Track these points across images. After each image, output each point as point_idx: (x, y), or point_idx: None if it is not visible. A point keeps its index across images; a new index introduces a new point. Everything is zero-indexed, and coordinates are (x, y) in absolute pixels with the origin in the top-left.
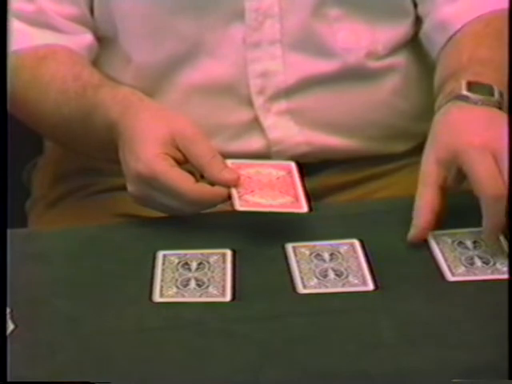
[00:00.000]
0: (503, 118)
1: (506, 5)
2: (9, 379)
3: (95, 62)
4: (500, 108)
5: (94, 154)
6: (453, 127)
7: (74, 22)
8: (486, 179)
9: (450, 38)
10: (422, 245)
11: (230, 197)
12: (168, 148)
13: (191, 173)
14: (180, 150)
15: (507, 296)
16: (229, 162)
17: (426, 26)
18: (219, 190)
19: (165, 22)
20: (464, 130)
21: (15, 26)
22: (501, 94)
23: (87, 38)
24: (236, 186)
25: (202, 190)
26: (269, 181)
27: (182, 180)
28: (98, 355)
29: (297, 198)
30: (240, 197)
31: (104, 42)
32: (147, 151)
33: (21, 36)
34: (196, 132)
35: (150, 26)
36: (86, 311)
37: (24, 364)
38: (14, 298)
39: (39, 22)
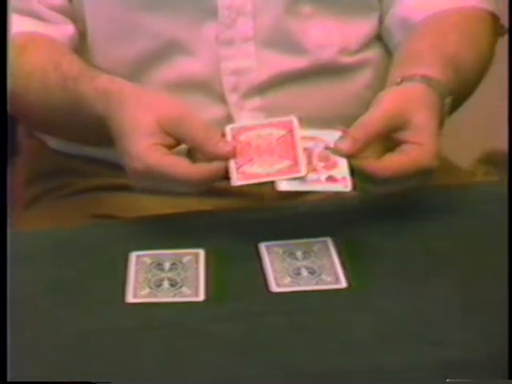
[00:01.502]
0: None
1: (465, 3)
2: (9, 379)
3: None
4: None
5: (88, 145)
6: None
7: (57, 12)
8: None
9: (409, 31)
10: (396, 244)
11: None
12: (157, 137)
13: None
14: (170, 135)
15: (507, 294)
16: (228, 127)
17: (388, 20)
18: (216, 167)
19: (136, 20)
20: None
21: None
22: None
23: (69, 28)
24: (234, 156)
25: (199, 170)
26: (268, 144)
27: (176, 166)
28: (72, 355)
29: (295, 161)
30: (238, 169)
31: (79, 34)
32: (137, 146)
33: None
34: (182, 112)
35: (121, 23)
36: (61, 312)
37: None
38: None
39: (21, 9)
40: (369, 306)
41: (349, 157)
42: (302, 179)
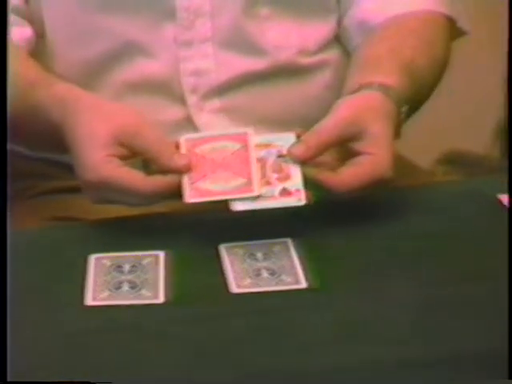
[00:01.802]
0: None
1: (423, 7)
2: (9, 379)
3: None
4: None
5: (48, 151)
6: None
7: (13, 13)
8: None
9: (367, 33)
10: (357, 244)
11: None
12: (111, 148)
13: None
14: (125, 146)
15: (509, 294)
16: (183, 138)
17: (346, 22)
18: (170, 180)
19: (95, 21)
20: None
21: None
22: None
23: (26, 30)
24: (188, 170)
25: (153, 183)
26: (223, 158)
27: (130, 179)
28: (31, 358)
29: (249, 179)
30: (191, 184)
31: (37, 37)
32: (90, 158)
33: None
34: (137, 123)
35: (79, 24)
36: (20, 315)
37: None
38: None
39: None
40: (329, 306)
41: (302, 163)
42: (255, 197)
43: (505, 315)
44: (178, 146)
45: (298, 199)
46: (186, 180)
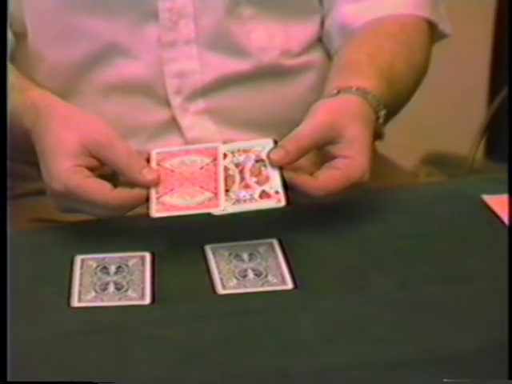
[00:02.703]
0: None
1: (404, 10)
2: (9, 379)
3: (10, 59)
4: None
5: (22, 157)
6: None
7: None
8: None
9: (348, 37)
10: (342, 245)
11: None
12: (79, 158)
13: (112, 175)
14: (94, 157)
15: (510, 300)
16: (154, 151)
17: (327, 24)
18: (137, 193)
19: (76, 22)
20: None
21: None
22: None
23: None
24: (156, 185)
25: (120, 196)
26: (191, 173)
27: (97, 190)
28: (16, 359)
29: (216, 194)
30: (158, 198)
31: (18, 38)
32: (58, 167)
33: None
34: (108, 135)
35: (60, 25)
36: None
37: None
38: None
39: None
40: (315, 306)
41: (281, 168)
42: (235, 200)
43: (489, 313)
44: (148, 159)
45: (278, 201)
46: (152, 194)
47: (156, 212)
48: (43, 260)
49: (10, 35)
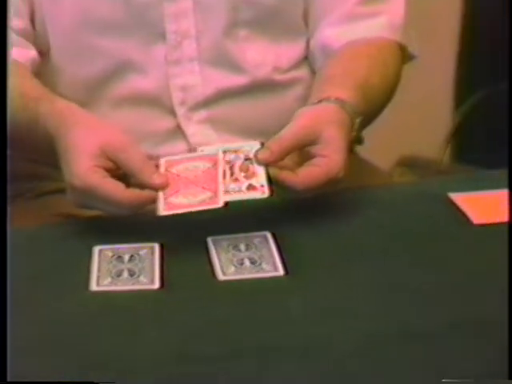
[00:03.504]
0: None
1: (377, 34)
2: (9, 379)
3: (35, 73)
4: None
5: (43, 159)
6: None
7: (20, 36)
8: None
9: (329, 55)
10: (326, 237)
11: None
12: (98, 160)
13: (125, 176)
14: (111, 160)
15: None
16: (163, 159)
17: (311, 45)
18: (148, 194)
19: (93, 41)
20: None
21: None
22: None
23: (31, 52)
24: (164, 188)
25: (132, 195)
26: (194, 176)
27: (113, 189)
28: (44, 339)
29: (215, 193)
30: (165, 199)
31: (42, 55)
32: (79, 166)
33: None
34: (124, 141)
35: (79, 44)
36: (30, 301)
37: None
38: None
39: None
40: (303, 290)
41: (266, 166)
42: (225, 191)
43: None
44: (157, 166)
45: (262, 193)
46: (160, 195)
47: (163, 211)
48: (65, 250)
49: (34, 52)
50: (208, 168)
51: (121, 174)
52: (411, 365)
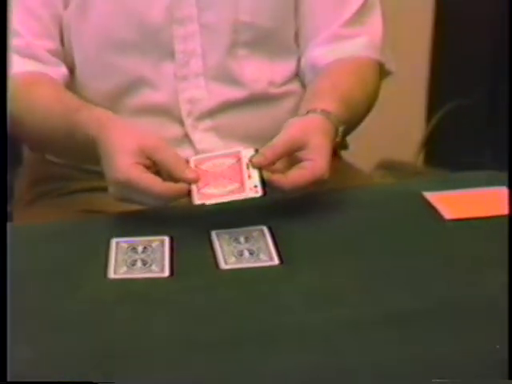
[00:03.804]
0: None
1: (359, 53)
2: (9, 379)
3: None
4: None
5: (77, 161)
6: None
7: (52, 55)
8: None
9: (317, 72)
10: (315, 232)
11: (190, 191)
12: (138, 158)
13: (159, 173)
14: (148, 158)
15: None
16: (192, 158)
17: (302, 63)
18: (182, 187)
19: (113, 60)
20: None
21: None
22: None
23: (62, 69)
24: (196, 182)
25: (169, 187)
26: (221, 171)
27: (152, 182)
28: (65, 323)
29: (242, 184)
30: (198, 191)
31: (70, 71)
32: (122, 162)
33: (14, 64)
34: (158, 142)
35: (101, 62)
36: (54, 288)
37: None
38: None
39: (27, 53)
40: (296, 278)
41: (260, 169)
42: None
43: (429, 281)
44: (187, 162)
45: (256, 192)
46: (194, 187)
47: (198, 200)
48: (86, 243)
49: (65, 69)
50: (232, 164)
51: (155, 171)
52: (390, 343)
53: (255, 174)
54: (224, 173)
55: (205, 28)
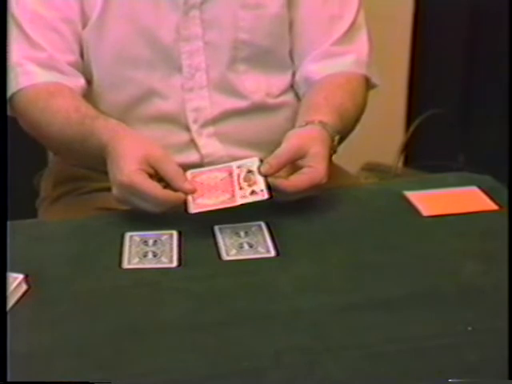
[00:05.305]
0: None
1: (349, 69)
2: (9, 379)
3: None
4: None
5: (89, 165)
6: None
7: (72, 67)
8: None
9: (310, 86)
10: (308, 226)
11: (186, 201)
12: (143, 165)
13: (160, 181)
14: (151, 167)
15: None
16: (189, 172)
17: (296, 77)
18: (180, 195)
19: (126, 74)
20: (311, 137)
21: (31, 68)
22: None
23: (81, 80)
24: (192, 193)
25: (168, 195)
26: (215, 183)
27: (153, 188)
28: (85, 306)
29: (233, 195)
30: (193, 200)
31: (88, 83)
32: (128, 167)
33: (36, 75)
34: (163, 154)
35: (116, 75)
36: (75, 276)
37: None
38: (25, 268)
39: (49, 65)
40: (291, 268)
41: (266, 176)
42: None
43: (411, 271)
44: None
45: (263, 196)
46: (189, 198)
47: (193, 209)
48: (103, 237)
49: (83, 81)
50: (225, 177)
51: (157, 180)
52: (377, 325)
53: (261, 179)
54: (217, 185)
55: (208, 45)
